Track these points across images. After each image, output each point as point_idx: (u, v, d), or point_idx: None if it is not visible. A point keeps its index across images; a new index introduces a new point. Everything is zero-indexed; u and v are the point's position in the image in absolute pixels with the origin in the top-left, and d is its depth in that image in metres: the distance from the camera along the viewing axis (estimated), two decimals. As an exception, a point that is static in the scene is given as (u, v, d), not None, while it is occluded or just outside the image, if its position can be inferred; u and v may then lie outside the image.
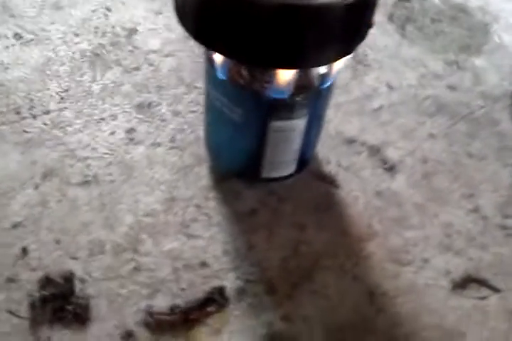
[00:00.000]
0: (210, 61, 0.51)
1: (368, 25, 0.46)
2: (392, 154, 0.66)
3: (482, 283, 0.57)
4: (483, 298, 0.56)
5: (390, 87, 0.73)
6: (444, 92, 0.73)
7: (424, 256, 0.58)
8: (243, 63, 0.48)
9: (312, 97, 0.52)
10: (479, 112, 0.71)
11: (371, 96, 0.72)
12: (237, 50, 0.44)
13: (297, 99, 0.50)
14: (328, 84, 0.51)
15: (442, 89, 0.73)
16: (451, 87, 0.74)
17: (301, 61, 0.46)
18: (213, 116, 0.57)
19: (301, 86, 0.50)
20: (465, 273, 0.57)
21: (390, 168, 0.64)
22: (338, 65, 0.50)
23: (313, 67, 0.48)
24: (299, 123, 0.53)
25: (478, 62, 0.77)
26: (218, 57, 0.49)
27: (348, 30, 0.45)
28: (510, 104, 0.73)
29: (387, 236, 0.58)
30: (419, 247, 0.58)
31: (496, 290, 0.56)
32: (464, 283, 0.57)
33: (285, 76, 0.49)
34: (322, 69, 0.50)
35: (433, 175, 0.64)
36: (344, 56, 0.47)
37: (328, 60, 0.47)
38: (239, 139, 0.56)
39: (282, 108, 0.51)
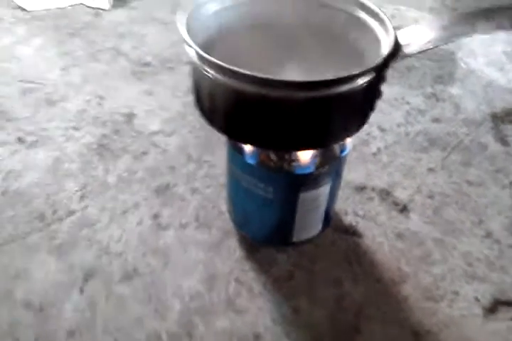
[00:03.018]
0: (237, 148, 0.56)
1: (379, 95, 0.51)
2: (400, 195, 0.70)
3: (510, 304, 0.61)
4: (515, 318, 0.60)
5: (382, 129, 0.78)
6: (430, 126, 0.79)
7: (453, 289, 0.62)
8: (275, 150, 0.53)
9: (334, 165, 0.57)
10: (467, 140, 0.77)
11: (367, 140, 0.77)
12: (269, 140, 0.49)
13: (322, 170, 0.55)
14: (347, 151, 0.56)
15: (428, 123, 0.79)
16: (436, 120, 0.79)
17: (327, 141, 0.50)
18: (240, 193, 0.61)
19: (325, 158, 0.55)
20: (493, 298, 0.61)
21: (403, 209, 0.69)
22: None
23: (337, 143, 0.53)
24: (325, 189, 0.58)
25: (454, 90, 0.84)
26: (247, 146, 0.54)
27: (365, 106, 0.50)
28: (491, 126, 0.79)
29: (417, 276, 0.63)
30: (447, 281, 0.62)
31: (526, 309, 0.61)
32: (494, 307, 0.61)
33: (311, 153, 0.53)
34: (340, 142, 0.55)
35: (442, 208, 0.69)
36: (362, 127, 0.52)
37: (350, 134, 0.52)
38: (269, 212, 0.60)
39: (310, 180, 0.56)
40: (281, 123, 0.46)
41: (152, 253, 0.64)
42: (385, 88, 0.84)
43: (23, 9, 1.04)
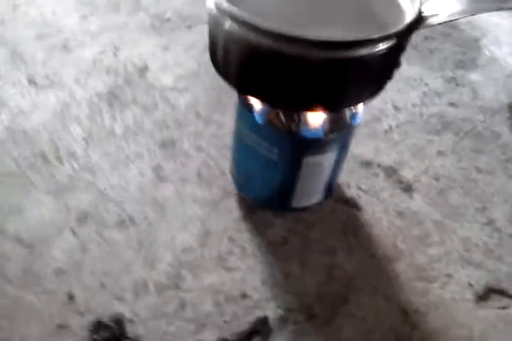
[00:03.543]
0: (247, 105, 0.54)
1: (398, 65, 0.49)
2: (407, 174, 0.69)
3: (503, 293, 0.61)
4: (504, 308, 0.59)
5: (396, 108, 0.77)
6: (446, 109, 0.77)
7: (447, 272, 0.61)
8: (285, 109, 0.52)
9: (343, 133, 0.55)
10: (481, 127, 0.75)
11: (379, 118, 0.76)
12: (280, 97, 0.47)
13: (330, 136, 0.54)
14: (358, 120, 0.55)
15: (444, 107, 0.78)
16: (453, 104, 0.78)
17: (339, 104, 0.49)
18: (245, 153, 0.60)
19: (335, 125, 0.54)
20: (486, 285, 0.60)
21: (407, 188, 0.68)
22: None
23: (349, 107, 0.52)
24: (330, 157, 0.57)
25: (474, 76, 0.82)
26: (257, 104, 0.53)
27: (382, 74, 0.49)
28: (508, 116, 0.77)
29: (413, 255, 0.62)
30: (442, 263, 0.62)
31: (517, 299, 0.60)
32: (486, 294, 0.60)
33: (321, 117, 0.52)
34: (354, 108, 0.54)
35: (447, 191, 0.68)
36: (377, 95, 0.50)
37: (363, 100, 0.51)
38: (271, 174, 0.59)
39: (316, 145, 0.54)
40: (294, 81, 0.45)
41: (149, 204, 0.63)
42: (404, 67, 0.83)
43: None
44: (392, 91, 0.78)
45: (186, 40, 0.84)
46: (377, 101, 0.77)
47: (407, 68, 0.81)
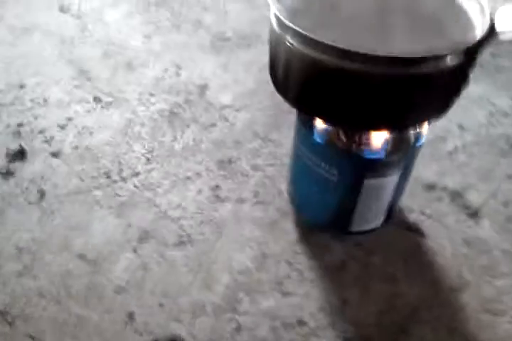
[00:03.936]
0: (306, 125, 0.53)
1: (467, 82, 0.47)
2: (473, 198, 0.66)
3: None
4: None
5: (462, 128, 0.74)
6: (515, 130, 0.73)
7: (518, 305, 0.58)
8: (347, 128, 0.50)
9: (406, 155, 0.53)
10: (554, 149, 0.71)
11: (444, 137, 0.73)
12: (342, 116, 0.46)
13: (392, 157, 0.52)
14: (422, 141, 0.53)
15: (513, 127, 0.74)
16: (523, 125, 0.74)
17: (403, 123, 0.47)
18: (303, 173, 0.59)
19: (398, 145, 0.52)
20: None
21: (474, 214, 0.64)
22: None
23: (415, 126, 0.50)
24: (392, 180, 0.55)
25: (546, 96, 0.77)
26: (317, 122, 0.52)
27: (450, 91, 0.47)
28: None
29: (479, 286, 0.59)
30: (511, 296, 0.58)
31: None
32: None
33: (383, 137, 0.51)
34: (418, 128, 0.52)
35: (517, 218, 0.64)
36: (443, 114, 0.48)
37: (430, 119, 0.49)
38: (331, 195, 0.57)
39: (377, 167, 0.53)
40: (357, 98, 0.43)
41: (207, 224, 0.64)
42: (470, 86, 0.79)
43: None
44: (457, 109, 0.75)
45: (245, 59, 0.85)
46: (441, 120, 0.74)
47: (473, 86, 0.77)
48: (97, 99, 0.78)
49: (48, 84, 0.81)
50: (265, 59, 0.50)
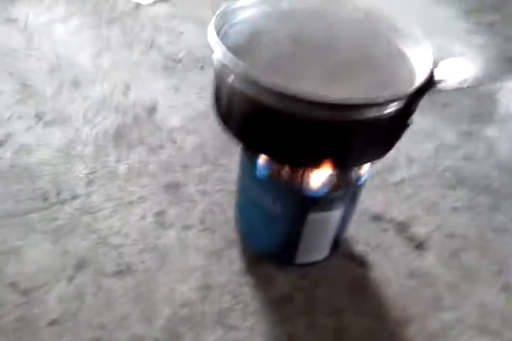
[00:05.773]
0: (250, 157, 0.52)
1: (407, 126, 0.48)
2: (418, 230, 0.66)
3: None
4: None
5: (410, 159, 0.75)
6: (461, 164, 0.75)
7: (462, 340, 0.57)
8: (288, 165, 0.50)
9: (349, 191, 0.53)
10: (497, 183, 0.73)
11: (392, 168, 0.73)
12: (283, 154, 0.46)
13: (335, 194, 0.51)
14: (364, 179, 0.53)
15: (459, 161, 0.75)
16: (468, 158, 0.76)
17: (345, 163, 0.47)
18: (248, 204, 0.58)
19: (340, 182, 0.51)
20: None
21: (419, 246, 0.65)
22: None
23: (356, 166, 0.50)
24: (336, 214, 0.54)
25: (490, 132, 0.80)
26: (260, 156, 0.51)
27: (390, 135, 0.47)
28: (525, 173, 0.75)
29: (425, 319, 0.58)
30: (456, 330, 0.58)
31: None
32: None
33: (326, 174, 0.50)
34: (359, 167, 0.52)
35: (461, 251, 0.65)
36: (384, 155, 0.49)
37: (370, 160, 0.49)
38: (275, 227, 0.56)
39: (321, 202, 0.52)
40: (298, 139, 0.43)
41: (149, 251, 0.60)
42: (419, 119, 0.80)
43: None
44: (406, 141, 0.76)
45: (197, 81, 0.83)
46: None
47: (422, 120, 0.80)
48: (38, 116, 0.74)
49: (-14, 97, 0.76)
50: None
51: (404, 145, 0.76)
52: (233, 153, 0.71)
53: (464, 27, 1.03)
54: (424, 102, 0.45)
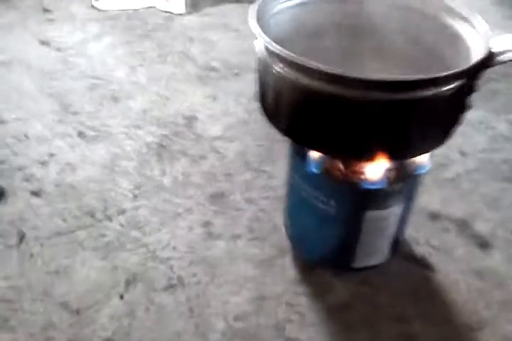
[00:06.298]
0: (300, 154, 0.50)
1: (468, 108, 0.45)
2: (481, 228, 0.62)
3: None
4: None
5: (463, 154, 0.71)
6: (519, 154, 0.71)
7: (541, 342, 0.53)
8: (342, 158, 0.47)
9: (409, 184, 0.50)
10: (561, 172, 0.68)
11: (445, 165, 0.69)
12: (337, 146, 0.43)
13: (394, 188, 0.48)
14: (425, 170, 0.50)
15: (516, 151, 0.71)
16: (525, 148, 0.71)
17: (403, 153, 0.44)
18: (299, 206, 0.55)
19: (399, 175, 0.48)
20: None
21: (483, 244, 0.60)
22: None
23: (416, 155, 0.47)
24: (395, 211, 0.51)
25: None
26: (312, 153, 0.48)
27: (450, 117, 0.44)
28: None
29: (497, 323, 0.54)
30: (533, 332, 0.54)
31: None
32: None
33: (383, 167, 0.47)
34: (419, 157, 0.49)
35: (530, 247, 0.60)
36: (445, 141, 0.46)
37: (430, 149, 0.46)
38: (330, 229, 0.53)
39: (379, 198, 0.49)
40: (353, 127, 0.40)
41: (199, 264, 0.59)
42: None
43: (97, 9, 1.05)
44: (457, 136, 0.72)
45: (233, 89, 0.82)
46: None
47: (471, 112, 0.75)
48: (80, 134, 0.75)
49: (29, 119, 0.77)
50: (254, 85, 0.47)
51: (455, 139, 0.72)
52: (276, 159, 0.70)
53: (500, 12, 0.99)
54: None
